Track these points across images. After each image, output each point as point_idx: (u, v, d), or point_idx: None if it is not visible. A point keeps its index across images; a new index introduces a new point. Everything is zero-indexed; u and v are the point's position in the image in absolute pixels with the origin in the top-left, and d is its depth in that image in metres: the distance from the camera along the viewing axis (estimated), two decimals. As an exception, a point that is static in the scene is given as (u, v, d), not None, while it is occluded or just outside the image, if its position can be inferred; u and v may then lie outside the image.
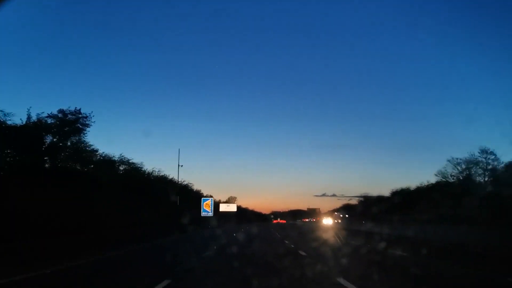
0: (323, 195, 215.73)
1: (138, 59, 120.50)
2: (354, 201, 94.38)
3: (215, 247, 20.05)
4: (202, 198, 62.68)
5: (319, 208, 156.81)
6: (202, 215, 57.71)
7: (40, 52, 78.57)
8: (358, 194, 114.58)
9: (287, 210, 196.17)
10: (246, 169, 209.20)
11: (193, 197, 61.00)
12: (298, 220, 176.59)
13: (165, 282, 9.12)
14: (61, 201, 19.35)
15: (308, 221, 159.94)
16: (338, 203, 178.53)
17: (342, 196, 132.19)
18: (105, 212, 24.02)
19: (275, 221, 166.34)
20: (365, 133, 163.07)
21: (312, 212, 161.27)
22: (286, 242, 25.92)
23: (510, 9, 79.16)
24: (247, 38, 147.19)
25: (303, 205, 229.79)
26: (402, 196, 52.83)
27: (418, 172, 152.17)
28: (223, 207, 78.28)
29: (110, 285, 9.65)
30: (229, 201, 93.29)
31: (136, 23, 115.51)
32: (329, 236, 32.85)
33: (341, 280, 9.43)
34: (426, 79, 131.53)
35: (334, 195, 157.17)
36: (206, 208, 60.40)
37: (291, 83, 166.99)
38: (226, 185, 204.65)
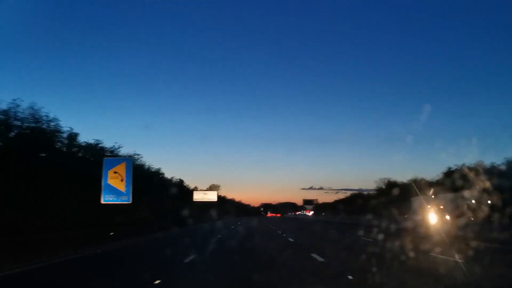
0: (310, 188, 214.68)
1: (132, 56, 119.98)
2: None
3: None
4: (105, 160, 25.10)
5: (317, 199, 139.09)
6: (103, 200, 23.56)
7: None
8: (345, 187, 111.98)
9: (276, 203, 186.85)
10: (232, 163, 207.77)
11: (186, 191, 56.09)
12: (290, 213, 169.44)
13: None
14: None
15: (301, 213, 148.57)
16: (326, 196, 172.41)
17: (330, 189, 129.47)
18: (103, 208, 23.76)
19: (269, 215, 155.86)
20: (352, 127, 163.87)
21: (309, 204, 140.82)
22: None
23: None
24: (238, 33, 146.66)
25: (290, 198, 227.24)
26: None
27: (402, 168, 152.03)
28: (198, 196, 61.01)
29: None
30: (210, 189, 72.15)
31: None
32: None
33: None
34: (411, 76, 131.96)
35: (321, 188, 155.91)
36: (114, 184, 24.14)
37: (281, 77, 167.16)
38: (212, 177, 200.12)
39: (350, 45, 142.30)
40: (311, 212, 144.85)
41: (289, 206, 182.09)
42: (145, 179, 36.16)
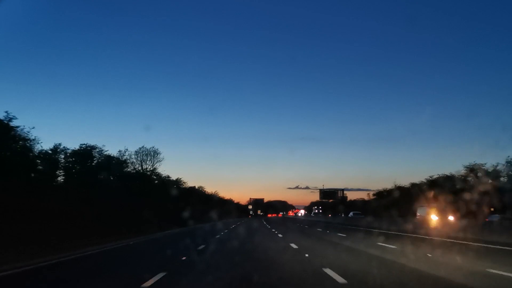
0: (296, 187, 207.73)
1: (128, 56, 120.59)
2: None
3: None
4: None
5: (343, 190, 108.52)
6: None
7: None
8: (330, 187, 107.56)
9: (266, 201, 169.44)
10: (217, 160, 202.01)
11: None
12: (281, 212, 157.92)
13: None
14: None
15: (301, 215, 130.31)
16: (312, 196, 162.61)
17: (316, 188, 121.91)
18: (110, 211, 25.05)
19: (270, 215, 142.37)
20: (339, 127, 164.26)
21: (331, 196, 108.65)
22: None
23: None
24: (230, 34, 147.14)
25: (277, 197, 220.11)
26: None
27: (391, 168, 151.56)
28: None
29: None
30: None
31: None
32: None
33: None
34: (398, 80, 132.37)
35: (307, 188, 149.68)
36: None
37: (266, 76, 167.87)
38: (196, 174, 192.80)
39: (348, 43, 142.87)
40: (302, 211, 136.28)
41: (280, 205, 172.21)
42: (146, 181, 36.98)
